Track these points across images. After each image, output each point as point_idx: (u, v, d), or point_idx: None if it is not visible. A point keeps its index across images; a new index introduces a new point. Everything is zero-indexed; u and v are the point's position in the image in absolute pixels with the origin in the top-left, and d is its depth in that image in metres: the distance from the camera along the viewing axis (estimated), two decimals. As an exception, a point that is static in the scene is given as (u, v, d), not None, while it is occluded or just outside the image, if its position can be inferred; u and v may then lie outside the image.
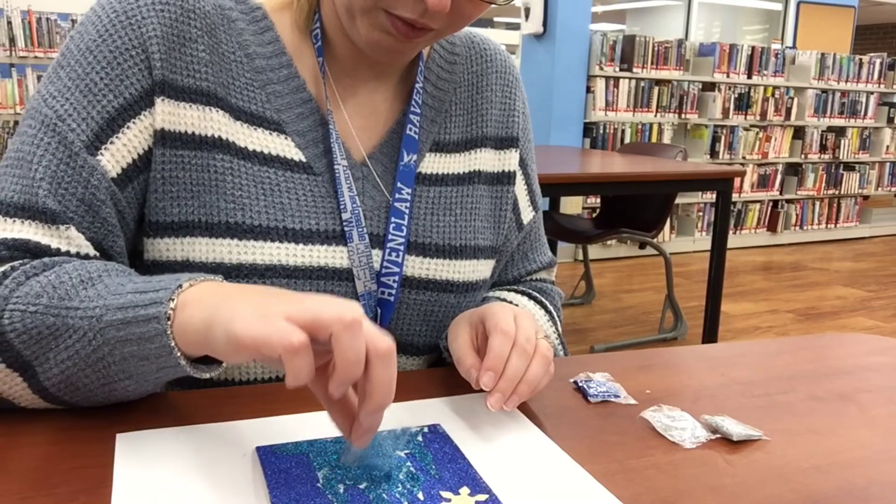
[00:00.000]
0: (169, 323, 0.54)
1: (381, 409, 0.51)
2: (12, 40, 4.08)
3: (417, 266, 0.77)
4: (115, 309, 0.56)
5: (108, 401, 0.61)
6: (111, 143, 0.67)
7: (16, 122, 4.22)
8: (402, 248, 0.76)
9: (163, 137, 0.69)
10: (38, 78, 4.21)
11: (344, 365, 0.48)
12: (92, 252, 0.67)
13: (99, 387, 0.59)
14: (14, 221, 0.64)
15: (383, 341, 0.50)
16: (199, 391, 0.69)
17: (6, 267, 0.62)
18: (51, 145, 0.66)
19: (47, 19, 4.17)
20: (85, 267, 0.62)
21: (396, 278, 0.76)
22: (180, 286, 0.56)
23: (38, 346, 0.58)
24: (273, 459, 0.55)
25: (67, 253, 0.66)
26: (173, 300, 0.55)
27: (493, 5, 0.69)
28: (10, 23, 4.07)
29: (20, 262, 0.63)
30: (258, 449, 0.56)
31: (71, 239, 0.66)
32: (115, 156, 0.67)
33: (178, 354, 0.55)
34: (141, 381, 0.59)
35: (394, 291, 0.75)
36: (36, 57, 4.17)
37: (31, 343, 0.58)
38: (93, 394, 0.60)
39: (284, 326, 0.48)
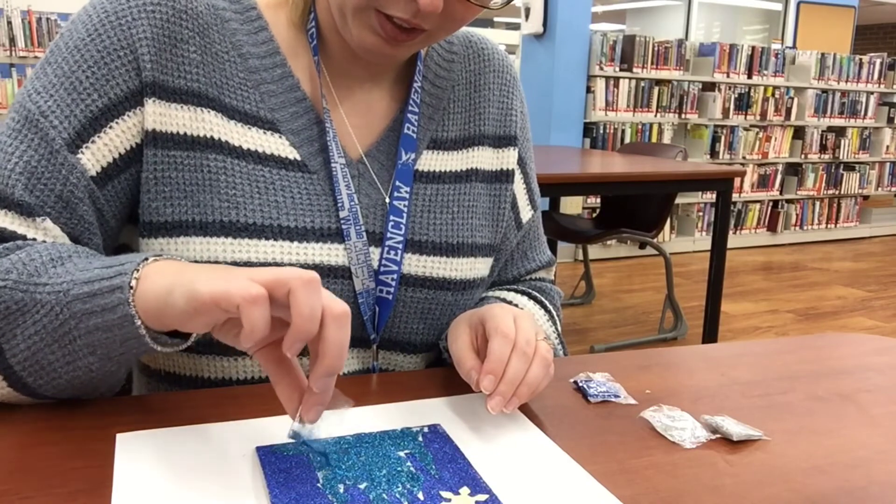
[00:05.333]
0: (132, 292, 0.56)
1: (333, 373, 0.51)
2: (12, 40, 4.08)
3: (415, 264, 0.77)
4: (82, 283, 0.58)
5: (70, 385, 0.61)
6: (92, 141, 0.67)
7: (16, 123, 4.21)
8: (400, 246, 0.76)
9: (154, 138, 0.69)
10: (38, 78, 4.21)
11: (300, 320, 0.49)
12: (67, 243, 0.67)
13: (63, 365, 0.59)
14: None
15: (339, 304, 0.51)
16: (200, 391, 0.69)
17: None
18: (33, 141, 0.66)
19: (47, 19, 4.17)
20: (56, 247, 0.63)
21: (395, 276, 0.76)
22: (146, 259, 0.58)
23: (5, 322, 0.59)
24: (273, 459, 0.55)
25: (43, 242, 0.65)
26: (138, 271, 0.57)
27: (486, 8, 0.69)
28: (10, 23, 4.06)
29: None
30: (258, 449, 0.56)
31: (47, 230, 0.66)
32: (96, 154, 0.67)
33: (139, 323, 0.56)
34: (104, 358, 0.59)
35: (392, 289, 0.75)
36: (36, 57, 4.16)
37: (0, 318, 0.59)
38: (56, 374, 0.60)
39: (244, 282, 0.50)
